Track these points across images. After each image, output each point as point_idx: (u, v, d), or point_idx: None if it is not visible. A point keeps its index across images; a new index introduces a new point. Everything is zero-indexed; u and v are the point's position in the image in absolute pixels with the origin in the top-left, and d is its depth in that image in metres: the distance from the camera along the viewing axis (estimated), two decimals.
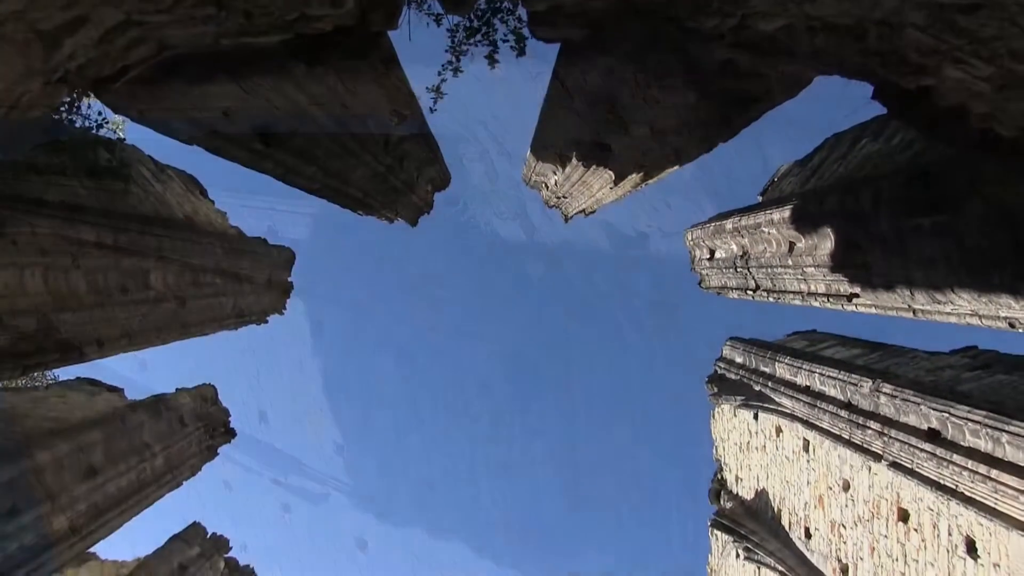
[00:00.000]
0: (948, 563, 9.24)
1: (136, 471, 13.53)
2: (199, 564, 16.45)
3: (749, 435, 16.36)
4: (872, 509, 11.17)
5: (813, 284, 11.50)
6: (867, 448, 10.94)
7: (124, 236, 11.39)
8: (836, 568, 12.35)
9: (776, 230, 12.00)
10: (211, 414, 16.97)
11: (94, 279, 11.01)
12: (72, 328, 10.89)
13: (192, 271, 13.93)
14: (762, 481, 15.68)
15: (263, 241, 18.18)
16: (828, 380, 12.20)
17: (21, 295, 9.54)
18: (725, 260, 14.45)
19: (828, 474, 12.57)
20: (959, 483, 8.66)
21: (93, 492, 12.25)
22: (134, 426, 13.73)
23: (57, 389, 16.19)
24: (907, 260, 8.44)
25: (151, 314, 12.87)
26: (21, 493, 10.69)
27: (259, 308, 18.12)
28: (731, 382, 16.63)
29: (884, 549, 10.87)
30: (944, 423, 9.08)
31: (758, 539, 15.19)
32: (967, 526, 8.81)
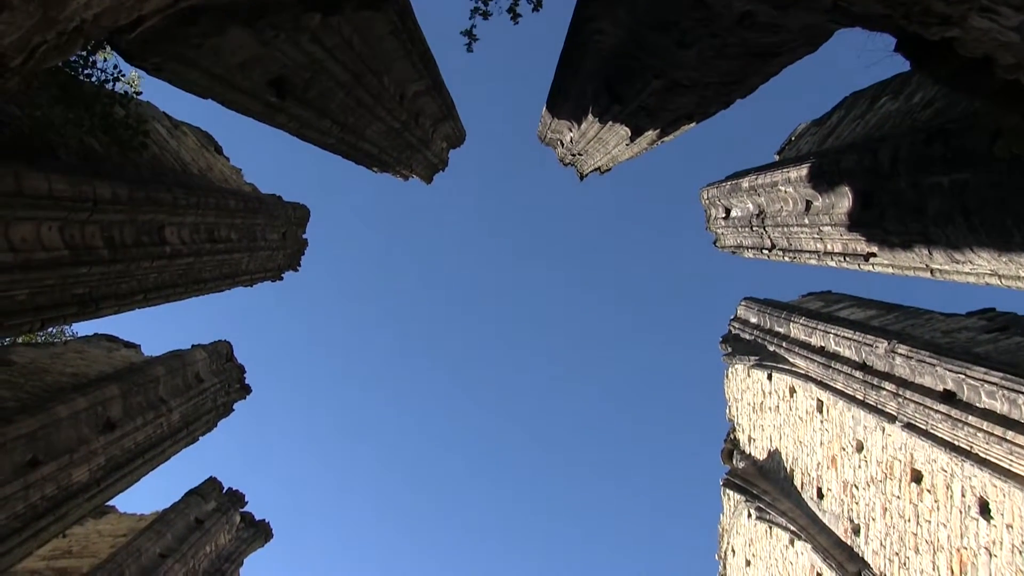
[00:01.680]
0: (961, 524, 9.23)
1: (153, 426, 13.68)
2: (215, 518, 16.68)
3: (763, 395, 16.34)
4: (885, 470, 11.15)
5: (830, 243, 11.39)
6: (881, 409, 10.89)
7: (140, 191, 11.38)
8: (848, 528, 12.37)
9: (793, 188, 11.86)
10: (227, 370, 17.09)
11: (110, 234, 11.02)
12: (89, 283, 10.94)
13: (207, 227, 13.93)
14: (775, 441, 15.70)
15: (278, 198, 18.16)
16: (843, 341, 12.14)
17: (39, 249, 9.56)
18: (741, 219, 14.33)
19: (841, 435, 12.55)
20: (974, 444, 8.61)
21: (111, 446, 12.41)
22: (151, 381, 13.85)
23: (75, 344, 16.35)
24: (925, 219, 8.33)
25: (167, 269, 12.90)
26: (41, 445, 10.83)
27: (274, 265, 18.14)
28: (745, 342, 16.59)
29: (896, 510, 10.86)
30: (960, 384, 9.02)
31: (770, 499, 15.23)
32: (981, 487, 8.77)
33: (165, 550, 14.74)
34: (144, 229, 11.79)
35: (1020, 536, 8.13)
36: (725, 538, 19.94)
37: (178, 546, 15.00)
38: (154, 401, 13.83)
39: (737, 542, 18.89)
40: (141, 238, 11.75)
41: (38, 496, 10.72)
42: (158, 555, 14.47)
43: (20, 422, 10.40)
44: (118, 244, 11.16)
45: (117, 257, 11.11)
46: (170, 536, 15.08)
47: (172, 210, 12.25)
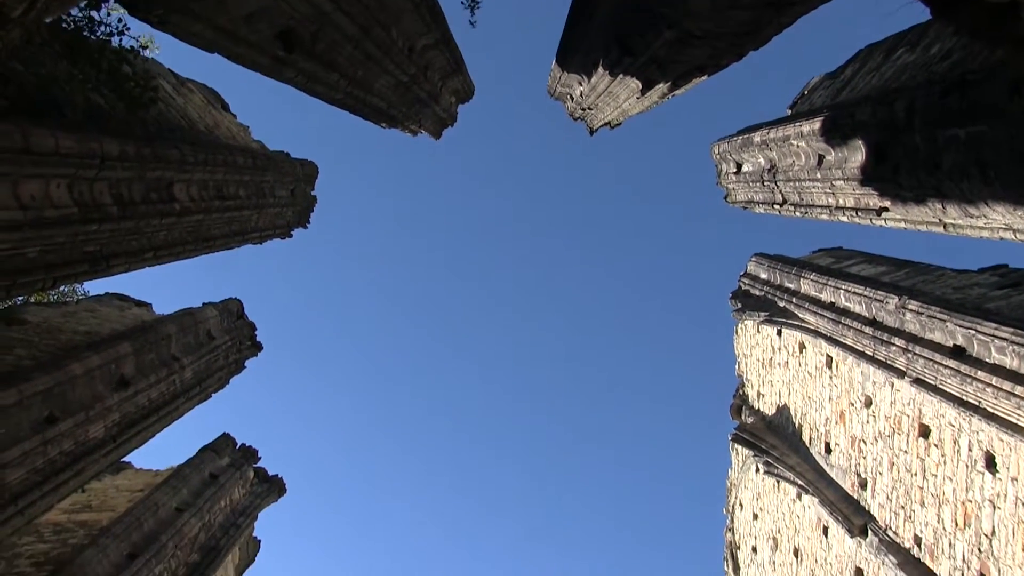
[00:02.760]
0: (967, 478, 9.28)
1: (166, 383, 13.82)
2: (229, 473, 16.90)
3: (772, 351, 16.36)
4: (893, 425, 11.20)
5: (842, 198, 11.30)
6: (890, 364, 10.90)
7: (147, 148, 11.35)
8: (855, 483, 12.46)
9: (805, 143, 11.74)
10: (238, 327, 17.20)
11: (119, 191, 11.02)
12: (99, 240, 10.98)
13: (216, 184, 13.92)
14: (784, 397, 15.75)
15: (286, 155, 18.10)
16: (853, 296, 12.11)
17: (48, 206, 9.58)
18: (752, 174, 14.21)
19: (850, 390, 12.58)
20: (982, 399, 8.63)
21: (125, 403, 12.55)
22: (163, 339, 13.95)
23: (87, 304, 16.45)
24: (940, 172, 8.23)
25: (176, 227, 12.92)
26: (58, 402, 10.96)
27: (283, 222, 18.15)
28: (755, 298, 16.57)
29: (903, 464, 10.92)
30: (970, 340, 9.00)
31: (778, 454, 15.32)
32: (987, 442, 8.80)
33: (181, 504, 14.97)
34: (153, 186, 11.79)
35: None
36: (733, 492, 20.11)
37: (194, 500, 15.24)
38: (166, 359, 13.95)
39: (745, 496, 19.06)
40: (150, 195, 11.75)
41: (56, 452, 10.89)
42: (174, 509, 14.71)
43: (36, 379, 10.53)
44: (127, 201, 11.17)
45: (126, 214, 11.13)
46: (186, 491, 15.31)
47: (180, 167, 12.24)
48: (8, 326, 12.75)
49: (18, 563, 12.25)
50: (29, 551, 12.67)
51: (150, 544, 13.31)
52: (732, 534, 20.37)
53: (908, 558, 10.60)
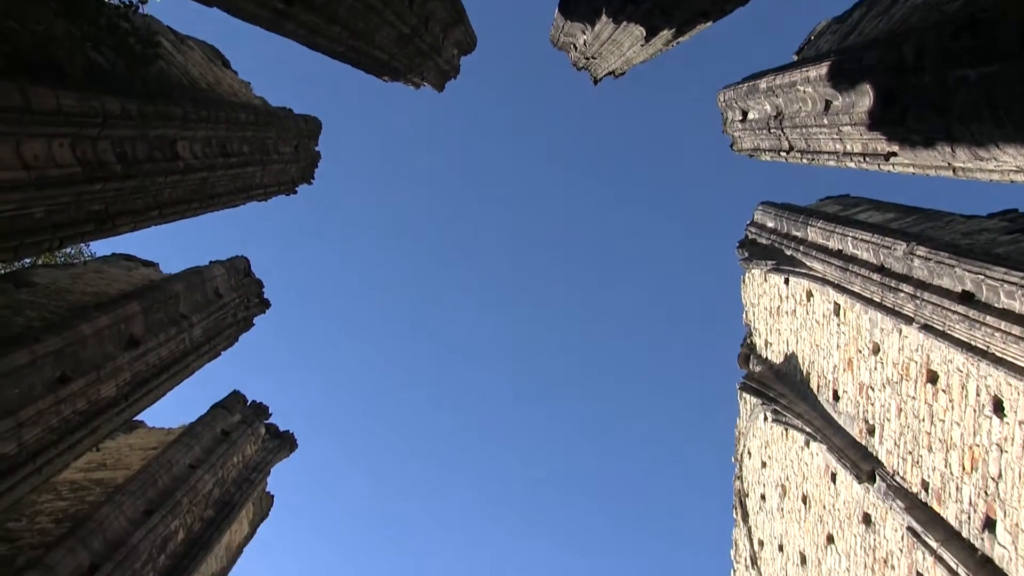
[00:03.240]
0: (974, 422, 9.32)
1: (176, 341, 13.88)
2: (241, 430, 17.05)
3: (779, 300, 16.35)
4: (901, 371, 11.22)
5: (849, 143, 11.18)
6: (898, 311, 10.88)
7: (149, 106, 11.28)
8: (863, 429, 12.52)
9: (812, 88, 11.59)
10: (245, 285, 17.22)
11: (122, 149, 10.98)
12: (104, 199, 10.97)
13: (219, 141, 13.86)
14: (791, 345, 15.77)
15: (289, 111, 17.97)
16: (861, 243, 12.05)
17: (52, 166, 9.56)
18: (758, 121, 14.06)
19: (858, 337, 12.58)
20: (991, 344, 8.62)
21: (136, 362, 12.63)
22: (171, 298, 13.99)
23: (94, 264, 16.50)
24: (949, 115, 8.11)
25: (181, 185, 12.90)
26: (69, 362, 11.04)
27: (288, 178, 18.08)
28: (762, 247, 16.51)
29: (911, 410, 10.96)
30: (979, 285, 8.97)
31: (786, 402, 15.39)
32: (995, 386, 8.82)
33: (194, 461, 15.13)
34: (156, 144, 11.74)
35: None
36: (741, 441, 20.26)
37: (206, 457, 15.39)
38: (175, 317, 14.00)
39: (753, 444, 19.19)
40: (153, 153, 11.71)
41: (70, 411, 11.00)
42: (188, 466, 14.87)
43: (47, 340, 10.59)
44: (130, 160, 11.13)
45: (130, 173, 11.10)
46: (198, 448, 15.46)
47: (183, 124, 12.17)
48: (17, 288, 12.81)
49: (38, 520, 12.44)
50: (48, 508, 12.86)
51: (165, 500, 13.49)
52: (740, 482, 20.55)
53: (915, 502, 10.68)
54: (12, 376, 9.76)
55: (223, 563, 15.76)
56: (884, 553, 11.99)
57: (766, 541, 18.34)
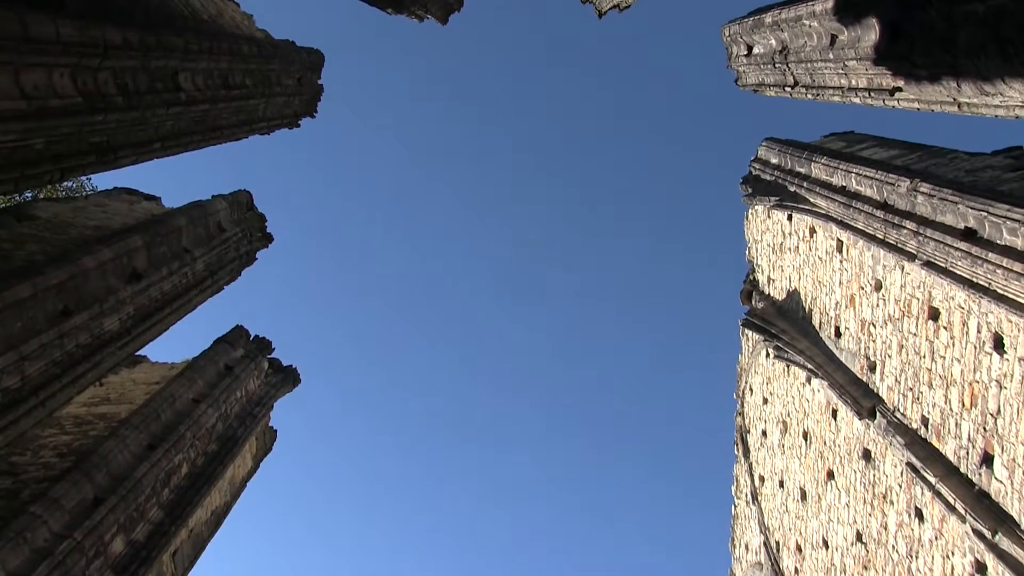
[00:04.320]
0: (974, 359, 9.34)
1: (178, 275, 13.90)
2: (244, 364, 17.15)
3: (782, 236, 16.29)
4: (903, 308, 11.22)
5: (854, 78, 11.02)
6: (901, 248, 10.83)
7: (151, 36, 11.14)
8: (864, 366, 12.57)
9: (818, 22, 11.40)
10: (248, 219, 17.19)
11: (123, 81, 10.86)
12: (106, 131, 10.89)
13: (221, 73, 13.70)
14: (794, 282, 15.76)
15: (291, 43, 17.73)
16: (864, 180, 11.95)
17: (52, 96, 9.46)
18: (763, 56, 13.84)
19: (860, 274, 12.56)
20: (992, 281, 8.59)
21: (138, 295, 12.66)
22: (173, 232, 13.97)
23: (96, 198, 16.44)
24: (956, 49, 7.99)
25: (183, 117, 12.79)
26: (71, 296, 11.06)
27: (290, 111, 17.94)
28: (766, 183, 16.40)
29: (912, 347, 10.99)
30: (981, 222, 8.91)
31: (788, 338, 15.43)
32: (996, 323, 8.82)
33: (198, 395, 15.26)
34: (157, 76, 11.61)
35: None
36: (743, 377, 20.38)
37: (210, 391, 15.52)
38: (178, 251, 14.00)
39: (755, 381, 19.31)
40: (155, 85, 11.59)
41: (73, 344, 11.05)
42: (191, 400, 15.00)
43: (50, 273, 10.60)
44: (132, 91, 11.02)
45: (132, 104, 11.00)
46: (202, 382, 15.58)
47: (185, 55, 12.02)
48: (19, 222, 12.80)
49: (42, 454, 12.61)
50: (52, 442, 13.03)
51: (169, 434, 13.64)
52: (742, 419, 20.74)
53: (915, 438, 10.77)
54: (14, 309, 9.79)
55: (227, 497, 16.01)
56: (883, 488, 12.13)
57: (767, 477, 18.58)
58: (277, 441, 18.80)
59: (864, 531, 12.90)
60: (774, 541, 18.10)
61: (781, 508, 17.51)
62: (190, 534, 14.29)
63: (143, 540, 12.59)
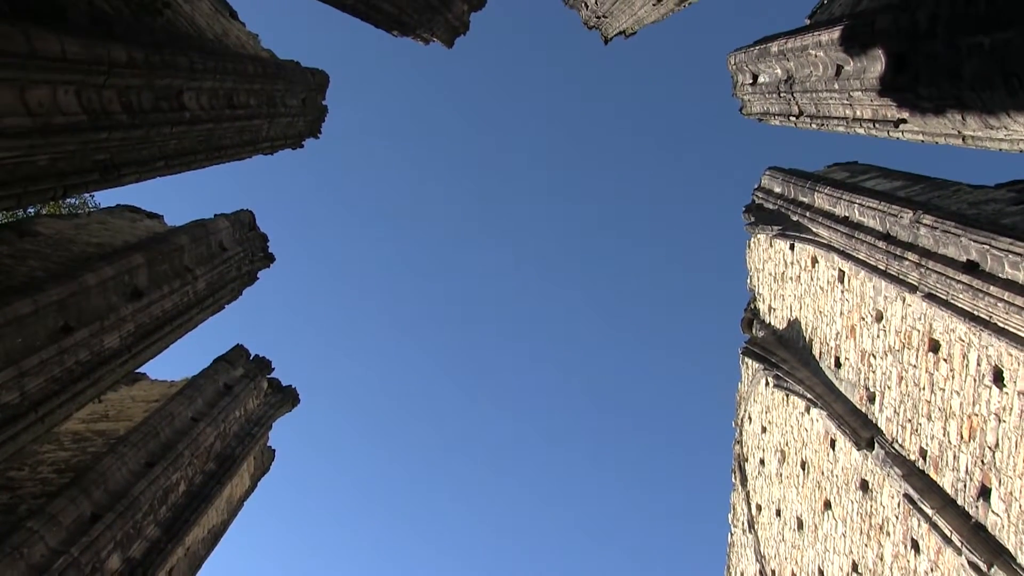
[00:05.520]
0: (974, 392, 9.32)
1: (179, 294, 13.90)
2: (243, 384, 17.12)
3: (784, 265, 16.30)
4: (903, 340, 11.21)
5: (859, 109, 11.08)
6: (903, 279, 10.84)
7: (156, 55, 11.20)
8: (863, 396, 12.54)
9: (823, 52, 11.46)
10: (250, 239, 17.22)
11: (128, 99, 10.90)
12: (109, 149, 10.92)
13: (226, 93, 13.76)
14: (795, 311, 15.75)
15: (296, 64, 17.83)
16: (867, 211, 11.97)
17: (56, 113, 9.49)
18: (768, 85, 13.93)
19: (861, 305, 12.56)
20: (993, 314, 8.60)
21: (139, 313, 12.66)
22: (175, 250, 13.99)
23: (98, 216, 16.47)
24: (961, 82, 8.03)
25: (187, 136, 12.83)
26: (72, 313, 11.06)
27: (295, 132, 17.99)
28: (768, 212, 16.43)
29: (912, 378, 10.97)
30: (984, 255, 8.93)
31: (788, 367, 15.41)
32: (996, 356, 8.81)
33: (197, 414, 15.23)
34: (162, 94, 11.66)
35: None
36: (742, 406, 20.33)
37: (209, 410, 15.49)
38: (179, 270, 14.02)
39: (754, 410, 19.26)
40: (159, 103, 11.64)
41: (72, 361, 11.04)
42: (190, 419, 14.96)
43: (51, 290, 10.61)
44: (136, 109, 11.06)
45: (136, 122, 11.04)
46: (201, 401, 15.55)
47: (190, 75, 12.08)
48: (20, 237, 12.82)
49: (40, 469, 12.57)
50: (50, 458, 12.99)
51: (167, 452, 13.59)
52: (740, 447, 20.66)
53: (913, 470, 10.74)
54: (15, 325, 9.79)
55: (224, 516, 15.94)
56: (880, 520, 12.07)
57: (764, 506, 18.48)
58: (275, 460, 18.73)
59: (860, 562, 12.82)
60: (770, 570, 17.98)
61: (777, 537, 17.41)
62: (187, 552, 14.21)
63: (140, 558, 12.52)
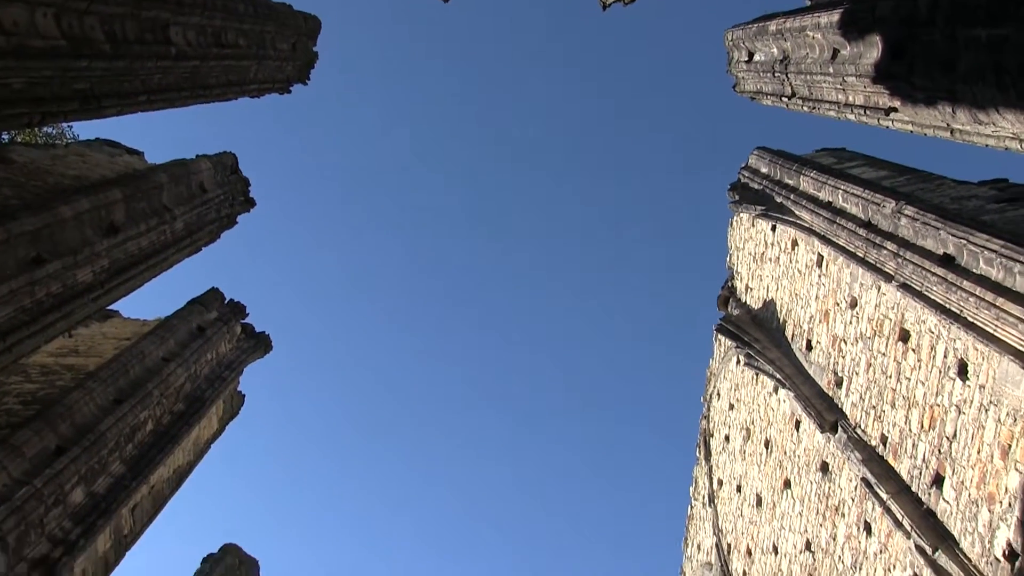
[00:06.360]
0: (938, 383, 9.48)
1: (156, 232, 13.72)
2: (216, 327, 17.00)
3: (764, 246, 16.37)
4: (875, 327, 11.33)
5: (852, 95, 11.06)
6: (880, 268, 10.95)
7: None
8: (831, 380, 12.70)
9: (821, 35, 11.40)
10: (231, 182, 17.00)
11: (111, 28, 10.64)
12: (90, 78, 10.69)
13: (214, 30, 13.50)
14: (771, 292, 15.86)
15: (288, 6, 17.51)
16: (851, 198, 12.04)
17: (34, 36, 9.24)
18: (763, 64, 13.85)
19: (837, 290, 12.66)
20: (964, 308, 8.72)
21: (114, 249, 12.48)
22: (154, 188, 13.78)
23: (76, 148, 16.17)
24: (955, 75, 8.01)
25: (172, 71, 12.58)
26: (45, 244, 10.90)
27: (283, 77, 17.72)
28: (753, 191, 16.46)
29: (880, 366, 11.12)
30: (960, 249, 9.03)
31: (760, 347, 15.55)
32: (963, 350, 8.95)
33: (168, 354, 15.12)
34: (147, 26, 11.41)
35: (989, 396, 8.46)
36: (712, 382, 20.52)
37: (180, 351, 15.38)
38: (158, 208, 13.84)
39: (723, 386, 19.45)
40: (144, 35, 11.38)
41: (44, 293, 10.89)
42: (161, 359, 14.86)
43: (24, 219, 10.42)
44: (120, 39, 10.81)
45: (119, 53, 10.78)
46: (173, 342, 15.44)
47: (177, 8, 11.82)
48: None
49: (6, 400, 12.47)
50: (17, 390, 12.89)
51: (136, 390, 13.50)
52: (707, 422, 20.90)
53: (872, 455, 10.95)
54: None
55: (190, 457, 15.92)
56: (837, 501, 12.30)
57: (725, 481, 18.75)
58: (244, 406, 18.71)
59: (814, 540, 13.09)
60: (726, 543, 18.30)
61: (736, 512, 17.69)
62: (151, 491, 14.21)
63: (103, 493, 12.49)
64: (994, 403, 8.35)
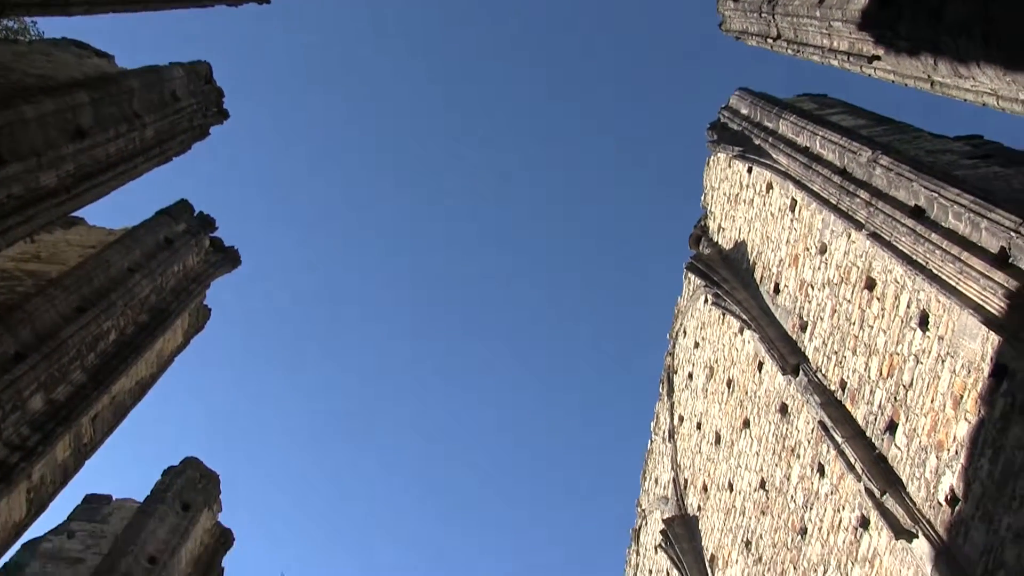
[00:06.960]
0: (899, 332, 9.64)
1: (125, 139, 13.36)
2: (184, 239, 16.76)
3: (739, 187, 16.37)
4: (842, 275, 11.44)
5: (836, 40, 10.98)
6: (851, 216, 11.00)
7: None
8: (796, 324, 12.86)
9: None
10: (205, 92, 16.59)
11: None
12: None
13: None
14: (743, 234, 15.92)
15: None
16: (828, 144, 12.02)
17: None
18: (751, 3, 13.69)
19: (808, 235, 12.73)
20: (930, 260, 8.81)
21: (80, 154, 12.14)
22: (124, 93, 13.39)
23: (41, 46, 15.61)
24: (940, 26, 7.96)
25: None
26: (6, 144, 10.58)
27: None
28: (732, 132, 16.38)
29: (844, 312, 11.26)
30: (931, 202, 9.08)
31: (728, 287, 15.68)
32: (926, 301, 9.08)
33: (133, 265, 14.92)
34: None
35: (947, 347, 8.64)
36: (679, 319, 20.71)
37: (146, 262, 15.18)
38: (127, 114, 13.47)
39: (690, 324, 19.64)
40: None
41: (4, 195, 10.61)
42: (126, 269, 14.66)
43: None
44: None
45: None
46: (139, 252, 15.22)
47: None
48: None
49: None
50: None
51: (100, 299, 13.33)
52: (672, 358, 21.16)
53: (831, 399, 11.17)
54: None
55: (153, 368, 15.86)
56: (793, 443, 12.58)
57: (686, 418, 19.07)
58: (210, 320, 18.63)
59: (768, 479, 13.42)
60: (683, 479, 18.72)
61: (695, 449, 18.05)
62: (112, 400, 14.18)
63: (63, 400, 12.43)
64: (951, 354, 8.51)
